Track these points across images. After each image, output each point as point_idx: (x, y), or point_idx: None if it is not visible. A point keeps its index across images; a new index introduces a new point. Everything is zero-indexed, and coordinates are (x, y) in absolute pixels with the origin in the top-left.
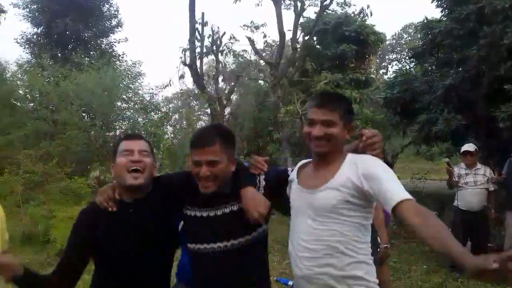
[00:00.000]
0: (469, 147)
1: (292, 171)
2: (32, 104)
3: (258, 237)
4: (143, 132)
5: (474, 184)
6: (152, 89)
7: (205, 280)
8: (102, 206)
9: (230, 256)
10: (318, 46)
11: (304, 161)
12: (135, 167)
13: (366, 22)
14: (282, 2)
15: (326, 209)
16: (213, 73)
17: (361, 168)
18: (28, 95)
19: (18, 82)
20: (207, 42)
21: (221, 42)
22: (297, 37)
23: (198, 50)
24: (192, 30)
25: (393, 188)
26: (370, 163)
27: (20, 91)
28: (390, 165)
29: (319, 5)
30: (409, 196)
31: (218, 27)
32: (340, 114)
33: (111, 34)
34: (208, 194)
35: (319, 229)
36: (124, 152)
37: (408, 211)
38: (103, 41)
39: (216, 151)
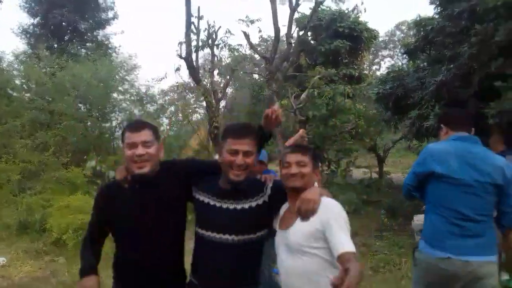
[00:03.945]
0: None
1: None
2: (28, 94)
3: (262, 237)
4: None
5: None
6: (148, 81)
7: (208, 266)
8: (121, 182)
9: (238, 248)
10: (312, 42)
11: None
12: (139, 160)
13: (360, 19)
14: None
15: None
16: (209, 66)
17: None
18: (24, 85)
19: (15, 72)
20: (202, 35)
21: (216, 36)
22: (292, 32)
23: (194, 43)
24: (188, 23)
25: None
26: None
27: (17, 81)
28: (382, 160)
29: (313, 0)
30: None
31: (214, 21)
32: (311, 157)
33: (107, 26)
34: (236, 183)
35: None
36: (128, 145)
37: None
38: (99, 33)
39: (252, 143)
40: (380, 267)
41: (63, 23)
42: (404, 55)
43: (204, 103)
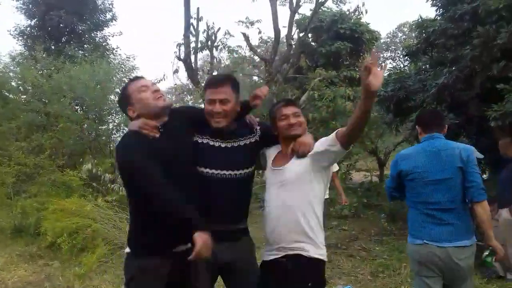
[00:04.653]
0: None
1: None
2: (24, 96)
3: (251, 172)
4: None
5: None
6: None
7: (213, 203)
8: (150, 135)
9: (233, 182)
10: (313, 43)
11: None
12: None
13: (361, 20)
14: None
15: None
16: (208, 68)
17: None
18: (20, 87)
19: (11, 74)
20: (201, 37)
21: (216, 37)
22: (292, 33)
23: (192, 45)
24: (187, 25)
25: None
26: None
27: (13, 83)
28: (382, 163)
29: (314, 2)
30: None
31: (213, 22)
32: (299, 108)
33: (105, 28)
34: (219, 128)
35: None
36: (142, 87)
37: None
38: (97, 34)
39: (227, 91)
40: (380, 272)
41: (61, 25)
42: (406, 57)
43: (202, 105)
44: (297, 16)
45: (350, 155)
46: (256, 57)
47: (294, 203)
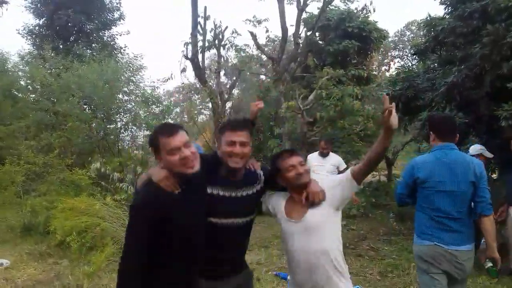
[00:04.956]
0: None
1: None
2: (33, 95)
3: (255, 217)
4: (144, 125)
5: None
6: (154, 82)
7: (219, 248)
8: (170, 190)
9: (240, 229)
10: (320, 42)
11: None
12: (193, 158)
13: (369, 19)
14: None
15: None
16: (215, 67)
17: None
18: (29, 86)
19: (20, 73)
20: (209, 36)
21: (223, 36)
22: (300, 32)
23: (200, 44)
24: (195, 23)
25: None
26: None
27: (22, 82)
28: (390, 163)
29: (322, 0)
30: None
31: (220, 21)
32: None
33: (113, 27)
34: (234, 170)
35: None
36: (172, 149)
37: (356, 166)
38: (105, 33)
39: (247, 135)
40: (388, 272)
41: (69, 24)
42: (414, 56)
43: (210, 105)
44: (304, 15)
45: (358, 155)
46: (263, 56)
47: (327, 246)
